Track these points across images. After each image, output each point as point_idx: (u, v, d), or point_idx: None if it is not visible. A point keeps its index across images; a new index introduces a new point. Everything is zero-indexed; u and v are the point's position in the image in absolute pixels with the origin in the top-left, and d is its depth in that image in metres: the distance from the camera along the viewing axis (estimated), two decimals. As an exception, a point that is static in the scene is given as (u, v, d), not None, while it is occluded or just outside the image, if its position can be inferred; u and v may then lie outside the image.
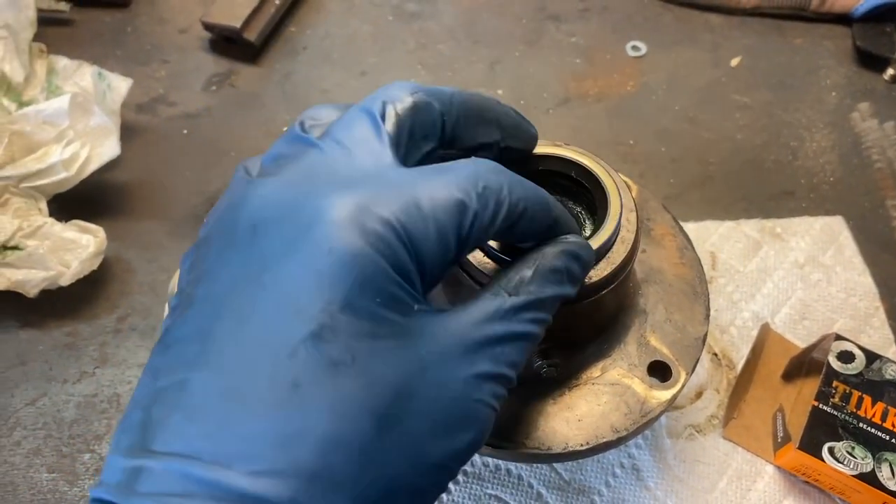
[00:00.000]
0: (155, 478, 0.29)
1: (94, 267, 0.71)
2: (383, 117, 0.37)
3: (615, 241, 0.49)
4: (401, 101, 0.38)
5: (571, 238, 0.42)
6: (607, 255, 0.48)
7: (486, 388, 0.36)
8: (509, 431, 0.52)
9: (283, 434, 0.30)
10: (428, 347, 0.34)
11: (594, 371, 0.54)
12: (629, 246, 0.49)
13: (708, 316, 0.56)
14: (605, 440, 0.51)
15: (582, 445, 0.51)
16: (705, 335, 0.55)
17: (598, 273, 0.48)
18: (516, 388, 0.53)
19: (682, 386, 0.53)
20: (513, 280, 0.40)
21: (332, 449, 0.30)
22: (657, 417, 0.53)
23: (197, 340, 0.32)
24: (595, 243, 0.47)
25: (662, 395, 0.53)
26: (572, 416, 0.52)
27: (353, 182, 0.34)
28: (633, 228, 0.50)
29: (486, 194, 0.36)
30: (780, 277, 0.73)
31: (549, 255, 0.41)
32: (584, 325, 0.52)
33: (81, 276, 0.70)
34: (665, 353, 0.54)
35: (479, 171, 0.37)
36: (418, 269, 0.35)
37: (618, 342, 0.55)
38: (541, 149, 0.51)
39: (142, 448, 0.30)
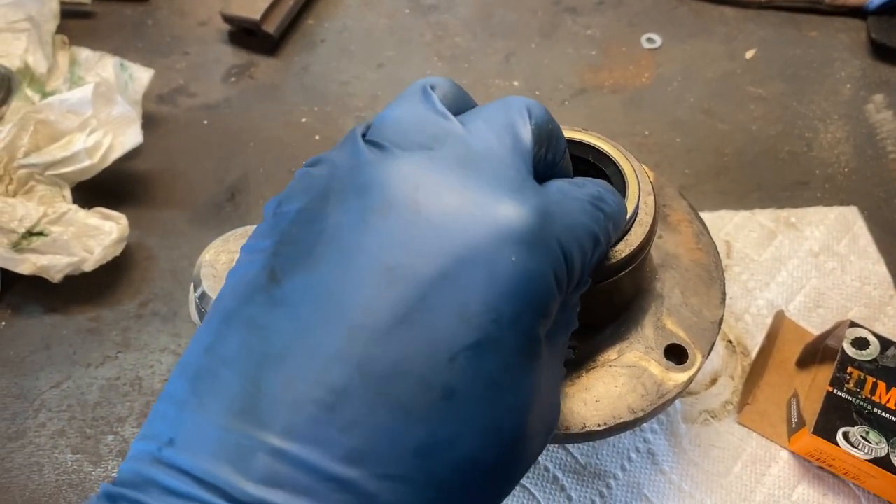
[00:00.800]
0: (269, 466, 0.26)
1: (117, 253, 0.72)
2: (526, 124, 0.34)
3: (633, 223, 0.49)
4: (541, 115, 0.35)
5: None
6: (625, 238, 0.49)
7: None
8: (527, 412, 0.52)
9: (426, 442, 0.27)
10: (549, 362, 0.34)
11: (611, 353, 0.55)
12: (647, 228, 0.49)
13: (724, 300, 0.57)
14: (622, 421, 0.52)
15: (599, 426, 0.52)
16: (721, 319, 0.56)
17: (616, 255, 0.48)
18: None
19: (699, 368, 0.54)
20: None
21: (472, 469, 0.28)
22: (673, 399, 0.53)
23: (324, 303, 0.28)
24: None
25: (679, 377, 0.53)
26: (590, 398, 0.53)
27: (520, 189, 0.31)
28: (651, 211, 0.50)
29: (608, 227, 0.36)
30: (794, 266, 0.74)
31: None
32: (601, 307, 0.53)
33: (104, 262, 0.71)
34: (681, 336, 0.55)
35: (605, 196, 0.37)
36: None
37: (635, 325, 0.55)
38: (559, 133, 0.52)
39: (255, 425, 0.26)
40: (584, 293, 0.49)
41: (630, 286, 0.54)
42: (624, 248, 0.49)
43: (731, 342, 0.69)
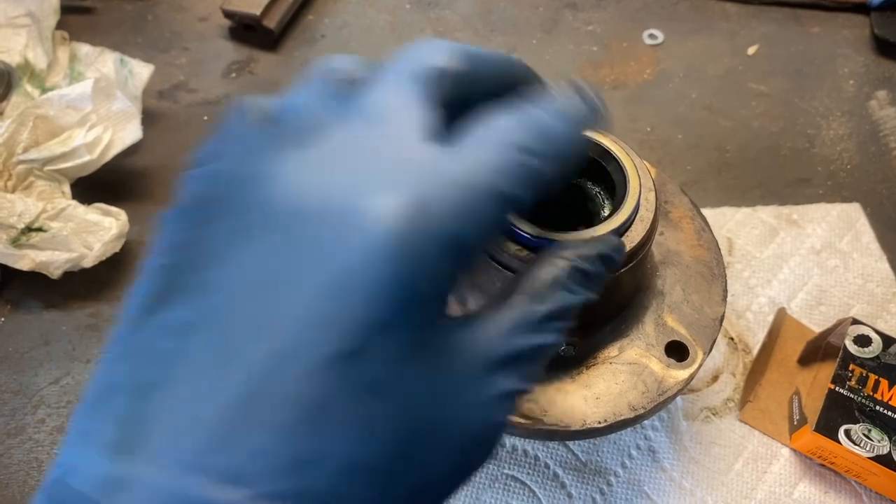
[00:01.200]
0: (145, 491, 0.25)
1: (117, 249, 0.72)
2: (424, 84, 0.33)
3: (634, 219, 0.49)
4: (442, 64, 0.33)
5: (609, 238, 0.41)
6: (626, 234, 0.49)
7: (506, 406, 0.33)
8: (528, 409, 0.52)
9: (302, 456, 0.27)
10: (455, 366, 0.31)
11: (612, 350, 0.54)
12: (647, 225, 0.49)
13: (725, 297, 0.57)
14: (622, 418, 0.51)
15: (600, 423, 0.51)
16: (722, 316, 0.56)
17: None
18: (534, 366, 0.54)
19: (700, 366, 0.53)
20: (542, 281, 0.36)
21: (354, 476, 0.28)
22: (674, 396, 0.53)
23: (204, 331, 0.28)
24: (614, 222, 0.48)
25: (680, 374, 0.53)
26: (590, 394, 0.53)
27: (401, 175, 0.30)
28: (652, 208, 0.50)
29: (540, 170, 0.32)
30: (796, 263, 0.74)
31: (584, 254, 0.38)
32: (602, 304, 0.52)
33: (104, 258, 0.71)
34: (682, 333, 0.55)
35: (541, 131, 0.33)
36: (457, 279, 0.31)
37: (635, 322, 0.55)
38: (560, 129, 0.52)
39: (130, 449, 0.26)
40: None
41: (631, 283, 0.54)
42: (625, 245, 0.48)
43: (732, 339, 0.69)
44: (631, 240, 0.49)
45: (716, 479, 0.62)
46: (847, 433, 0.59)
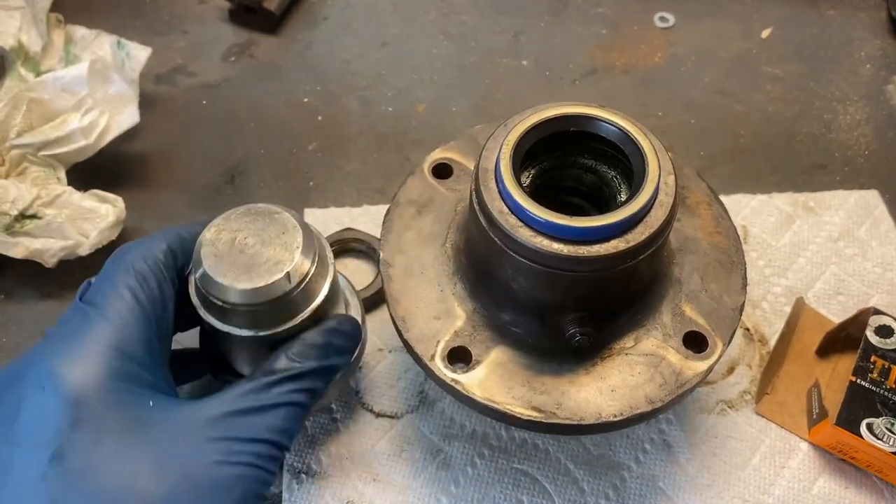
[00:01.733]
0: None
1: (113, 237, 0.70)
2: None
3: (654, 204, 0.47)
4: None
5: (332, 320, 0.51)
6: (645, 219, 0.46)
7: (239, 454, 0.44)
8: (540, 402, 0.50)
9: None
10: (165, 435, 0.43)
11: (627, 341, 0.52)
12: (667, 209, 0.47)
13: (745, 285, 0.55)
14: (639, 411, 0.49)
15: (615, 416, 0.49)
16: (742, 305, 0.54)
17: (635, 237, 0.46)
18: (547, 358, 0.52)
19: (719, 357, 0.51)
20: (272, 363, 0.48)
21: None
22: (693, 389, 0.51)
23: None
24: (632, 208, 0.45)
25: (698, 365, 0.51)
26: (605, 387, 0.51)
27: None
28: (672, 192, 0.48)
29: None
30: (813, 252, 0.71)
31: (309, 335, 0.50)
32: (618, 293, 0.50)
33: (100, 246, 0.69)
34: (701, 323, 0.53)
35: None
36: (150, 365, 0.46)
37: (652, 312, 0.53)
38: (573, 108, 0.50)
39: None
40: (601, 279, 0.47)
41: (647, 271, 0.52)
42: (644, 230, 0.46)
43: (748, 330, 0.67)
44: (650, 225, 0.46)
45: (733, 475, 0.60)
46: (869, 427, 0.57)
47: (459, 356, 0.52)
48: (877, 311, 0.62)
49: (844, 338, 0.65)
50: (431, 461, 0.61)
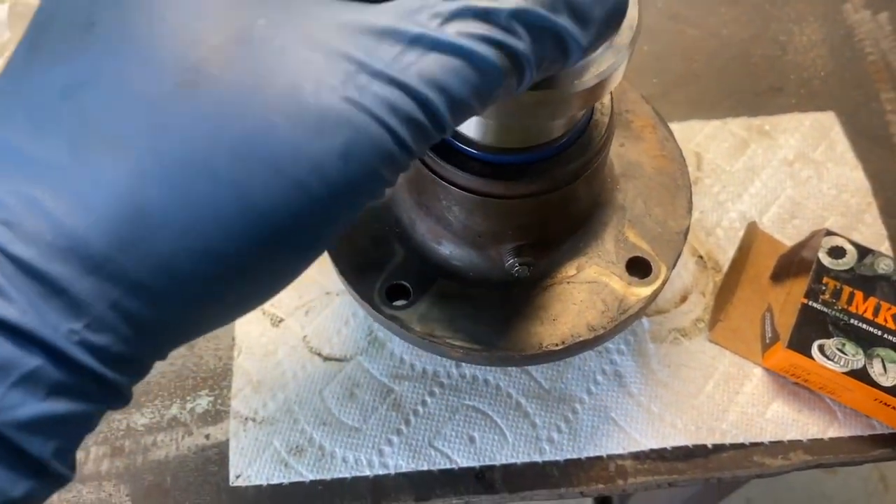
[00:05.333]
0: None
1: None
2: None
3: (588, 124, 0.45)
4: None
5: None
6: (579, 140, 0.45)
7: (369, 88, 0.27)
8: (480, 334, 0.49)
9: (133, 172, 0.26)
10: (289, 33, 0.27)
11: (569, 269, 0.51)
12: (603, 130, 0.45)
13: (690, 209, 0.53)
14: (581, 339, 0.48)
15: (557, 345, 0.48)
16: (687, 228, 0.52)
17: (571, 159, 0.44)
18: (488, 290, 0.51)
19: (663, 282, 0.50)
20: None
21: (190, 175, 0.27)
22: (637, 315, 0.50)
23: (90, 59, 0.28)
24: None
25: (642, 291, 0.50)
26: (546, 316, 0.49)
27: None
28: (607, 111, 0.46)
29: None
30: (768, 176, 0.70)
31: None
32: (557, 219, 0.49)
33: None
34: (644, 248, 0.51)
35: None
36: None
37: (594, 239, 0.52)
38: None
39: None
40: (539, 204, 0.45)
41: (588, 196, 0.50)
42: (579, 153, 0.44)
43: (701, 257, 0.66)
44: (583, 146, 0.45)
45: (685, 402, 0.60)
46: (821, 348, 0.56)
47: (399, 292, 0.51)
48: (829, 233, 0.61)
49: (798, 262, 0.64)
50: (381, 402, 0.60)
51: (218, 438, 0.59)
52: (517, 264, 0.48)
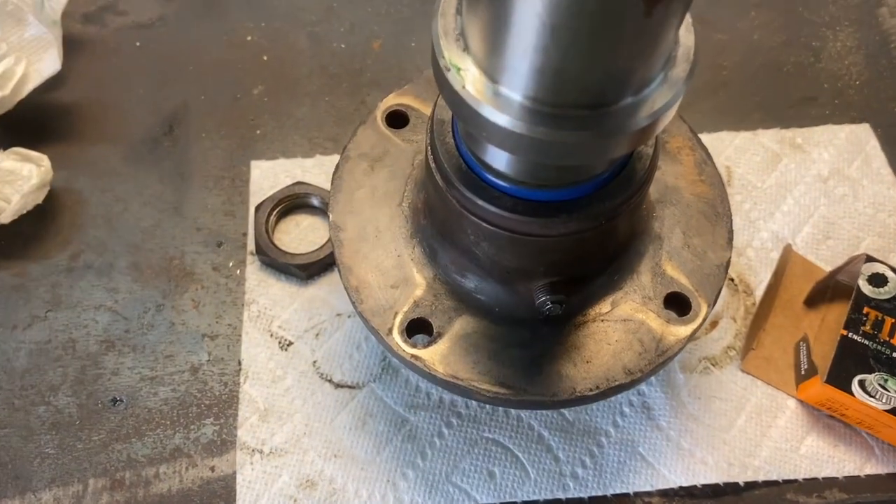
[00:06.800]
0: None
1: (39, 200, 0.63)
2: None
3: (631, 156, 0.41)
4: None
5: None
6: (622, 172, 0.41)
7: None
8: (508, 376, 0.45)
9: None
10: None
11: (603, 306, 0.48)
12: (646, 163, 0.42)
13: (731, 240, 0.50)
14: (616, 383, 0.45)
15: (591, 390, 0.45)
16: (728, 262, 0.49)
17: (612, 195, 0.41)
18: (516, 328, 0.47)
19: (704, 320, 0.47)
20: None
21: None
22: (675, 356, 0.47)
23: None
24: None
25: (681, 330, 0.47)
26: (580, 358, 0.46)
27: None
28: (652, 142, 0.42)
29: None
30: (801, 193, 0.67)
31: None
32: (592, 255, 0.45)
33: (24, 211, 0.62)
34: (683, 283, 0.48)
35: None
36: None
37: (630, 272, 0.48)
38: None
39: None
40: (573, 240, 0.42)
41: (625, 228, 0.46)
42: (621, 188, 0.41)
43: (732, 280, 0.63)
44: (627, 179, 0.41)
45: (717, 437, 0.57)
46: (861, 384, 0.53)
47: (420, 328, 0.47)
48: (869, 259, 0.58)
49: (834, 286, 0.61)
50: (396, 433, 0.57)
51: (224, 471, 0.56)
52: (549, 302, 0.44)
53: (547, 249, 0.43)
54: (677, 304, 0.47)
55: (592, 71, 0.31)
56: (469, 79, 0.34)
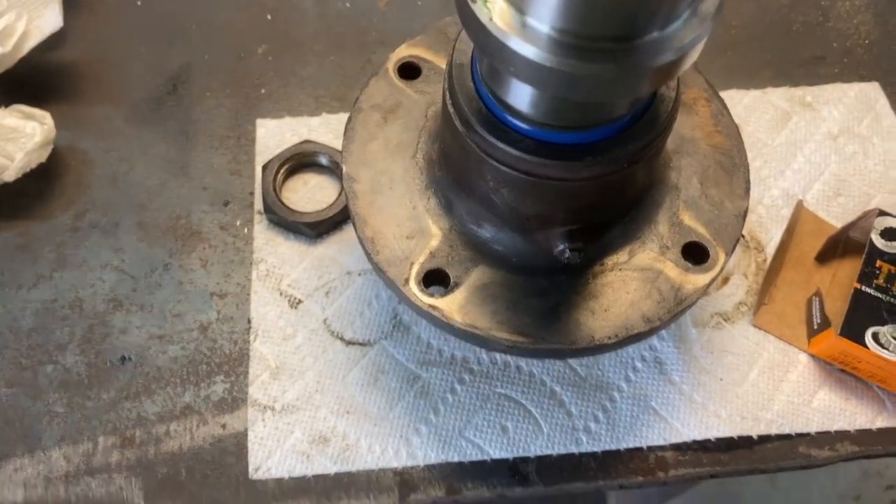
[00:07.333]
0: None
1: (43, 159, 0.62)
2: None
3: (654, 99, 0.41)
4: None
5: None
6: (644, 115, 0.41)
7: None
8: (526, 325, 0.45)
9: None
10: None
11: (621, 255, 0.47)
12: (669, 105, 0.41)
13: (748, 189, 0.49)
14: (635, 332, 0.45)
15: (610, 338, 0.45)
16: (745, 211, 0.49)
17: (635, 138, 0.40)
18: (533, 277, 0.47)
19: (721, 269, 0.47)
20: None
21: None
22: (693, 304, 0.46)
23: None
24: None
25: (699, 279, 0.46)
26: (598, 307, 0.46)
27: None
28: (674, 85, 0.42)
29: None
30: (811, 151, 0.66)
31: None
32: (611, 202, 0.45)
33: (28, 169, 0.61)
34: (701, 232, 0.48)
35: None
36: None
37: (647, 222, 0.48)
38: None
39: None
40: (591, 185, 0.42)
41: (643, 176, 0.46)
42: (643, 131, 0.40)
43: (743, 237, 0.62)
44: (647, 124, 0.41)
45: (729, 391, 0.57)
46: (875, 336, 0.53)
47: (436, 279, 0.47)
48: (882, 213, 0.58)
49: (845, 242, 0.61)
50: (408, 389, 0.57)
51: (235, 428, 0.55)
52: (567, 250, 0.44)
53: (567, 194, 0.42)
54: (695, 253, 0.47)
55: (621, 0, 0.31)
56: (496, 10, 0.33)
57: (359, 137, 0.51)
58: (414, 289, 0.46)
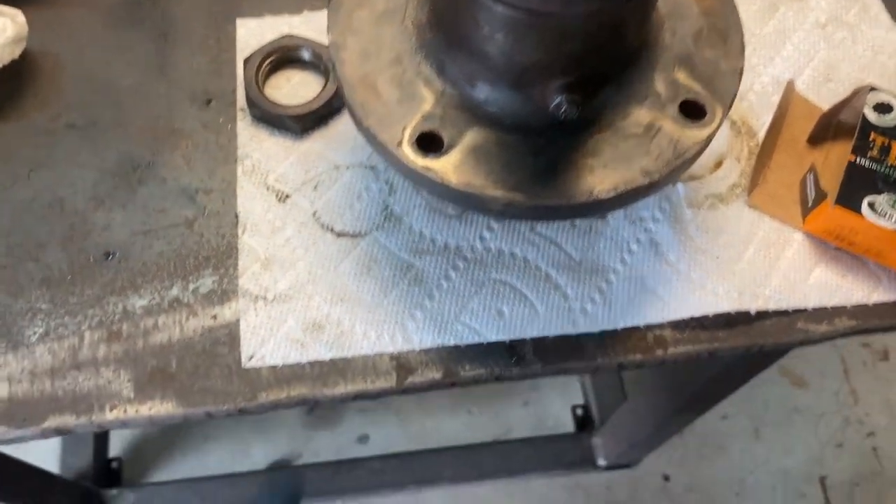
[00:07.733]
0: None
1: (15, 56, 0.60)
2: None
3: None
4: None
5: None
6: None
7: None
8: (523, 183, 0.44)
9: None
10: None
11: (618, 113, 0.46)
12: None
13: (743, 50, 0.49)
14: (635, 185, 0.44)
15: (609, 192, 0.44)
16: (742, 69, 0.48)
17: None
18: (529, 137, 0.46)
19: (720, 123, 0.46)
20: None
21: None
22: (693, 159, 0.46)
23: None
24: None
25: (698, 133, 0.46)
26: (596, 163, 0.45)
27: None
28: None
29: None
30: (800, 39, 0.66)
31: None
32: (609, 49, 0.44)
33: (1, 65, 0.59)
34: (697, 89, 0.47)
35: None
36: None
37: (643, 82, 0.47)
38: None
39: None
40: (586, 27, 0.41)
41: (634, 29, 0.45)
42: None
43: (735, 122, 0.62)
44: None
45: (726, 269, 0.56)
46: (871, 205, 0.53)
47: (429, 142, 0.46)
48: (874, 88, 0.57)
49: (836, 125, 0.61)
50: (402, 277, 0.56)
51: (226, 318, 0.54)
52: (565, 102, 0.43)
53: (566, 37, 0.41)
54: (693, 109, 0.46)
55: None
56: None
57: (345, 5, 0.49)
58: (407, 151, 0.45)
